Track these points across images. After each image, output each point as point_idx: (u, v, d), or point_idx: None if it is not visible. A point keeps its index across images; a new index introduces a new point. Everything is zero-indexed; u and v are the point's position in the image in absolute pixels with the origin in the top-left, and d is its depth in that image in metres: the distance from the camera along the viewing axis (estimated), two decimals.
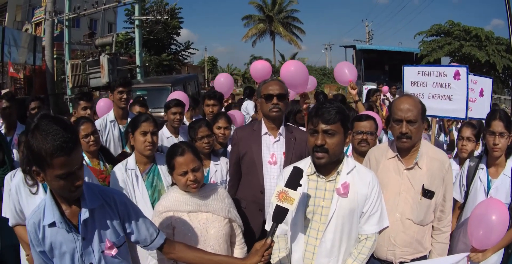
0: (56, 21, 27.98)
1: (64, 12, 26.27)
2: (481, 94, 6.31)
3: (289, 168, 3.46)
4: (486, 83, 6.56)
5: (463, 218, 4.54)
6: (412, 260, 3.78)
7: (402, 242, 3.73)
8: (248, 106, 10.73)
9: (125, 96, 6.35)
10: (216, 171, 5.01)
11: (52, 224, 2.77)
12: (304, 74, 6.15)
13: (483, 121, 5.81)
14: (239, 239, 3.99)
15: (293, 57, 63.31)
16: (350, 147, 5.28)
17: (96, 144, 5.01)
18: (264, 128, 4.56)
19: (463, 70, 5.82)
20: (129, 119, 6.29)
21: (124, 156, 5.20)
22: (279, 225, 3.16)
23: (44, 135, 2.41)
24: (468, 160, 4.81)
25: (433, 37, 29.97)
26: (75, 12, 26.14)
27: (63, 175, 2.50)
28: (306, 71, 6.22)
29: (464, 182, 4.66)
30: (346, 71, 7.09)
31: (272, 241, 3.12)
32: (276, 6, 64.84)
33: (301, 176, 3.16)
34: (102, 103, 7.62)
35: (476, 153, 5.61)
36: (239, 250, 3.97)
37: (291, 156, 4.44)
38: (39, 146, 2.40)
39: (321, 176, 3.46)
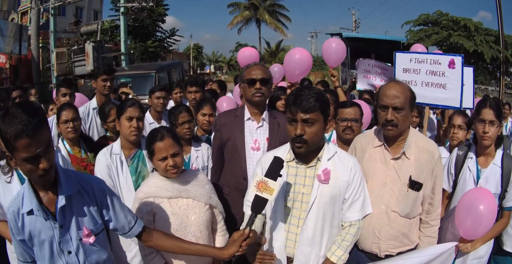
0: (42, 9, 27.83)
1: (50, 0, 26.07)
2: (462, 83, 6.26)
3: (268, 156, 3.44)
4: (466, 73, 6.48)
5: (451, 208, 4.45)
6: (399, 254, 3.69)
7: (387, 235, 3.64)
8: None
9: (109, 84, 6.33)
10: (197, 157, 4.97)
11: (30, 212, 2.76)
12: (308, 63, 6.15)
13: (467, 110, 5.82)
14: (221, 225, 3.97)
15: (278, 45, 64.15)
16: (334, 134, 5.23)
17: (75, 131, 5.00)
18: (247, 114, 4.52)
19: (458, 59, 5.74)
20: None
21: (105, 138, 5.29)
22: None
23: (10, 119, 2.42)
24: (456, 148, 4.73)
25: (420, 27, 29.97)
26: (60, 0, 25.98)
27: (28, 158, 2.49)
28: (310, 60, 6.23)
29: (453, 171, 4.57)
30: (334, 46, 7.12)
31: (251, 231, 3.08)
32: None
33: (282, 166, 3.12)
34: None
35: None
36: (220, 237, 3.96)
37: (274, 142, 4.40)
38: (5, 130, 2.42)
39: (300, 163, 3.41)
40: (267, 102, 4.68)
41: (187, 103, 7.23)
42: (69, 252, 2.88)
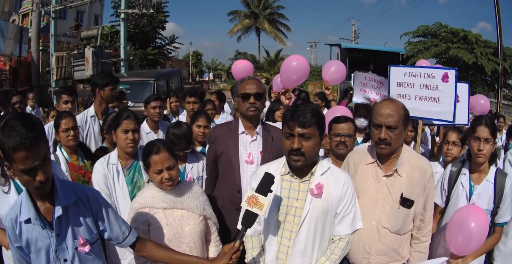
0: (43, 12, 27.81)
1: (51, 3, 26.08)
2: (457, 100, 6.23)
3: (264, 168, 3.50)
4: (461, 89, 6.46)
5: (443, 223, 4.47)
6: None
7: (377, 250, 3.65)
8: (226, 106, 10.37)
9: (115, 93, 6.39)
10: (192, 167, 4.99)
11: (28, 221, 2.82)
12: (305, 70, 6.22)
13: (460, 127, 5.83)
14: (214, 236, 4.03)
15: (278, 54, 64.14)
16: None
17: (75, 139, 5.04)
18: (241, 127, 4.55)
19: (451, 73, 5.72)
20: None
21: (103, 151, 5.22)
22: (252, 226, 3.19)
23: (9, 131, 2.47)
24: (450, 164, 4.74)
25: (419, 38, 29.80)
26: (62, 4, 25.94)
27: (25, 170, 2.55)
28: (307, 67, 6.29)
29: (446, 187, 4.61)
30: (333, 69, 7.19)
31: (241, 244, 3.16)
32: (262, 2, 65.21)
33: (272, 182, 3.18)
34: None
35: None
36: (214, 248, 4.01)
37: (268, 155, 4.43)
38: (4, 141, 2.48)
39: (295, 177, 3.46)
40: (264, 115, 4.71)
41: (185, 113, 7.29)
42: (65, 260, 2.95)
